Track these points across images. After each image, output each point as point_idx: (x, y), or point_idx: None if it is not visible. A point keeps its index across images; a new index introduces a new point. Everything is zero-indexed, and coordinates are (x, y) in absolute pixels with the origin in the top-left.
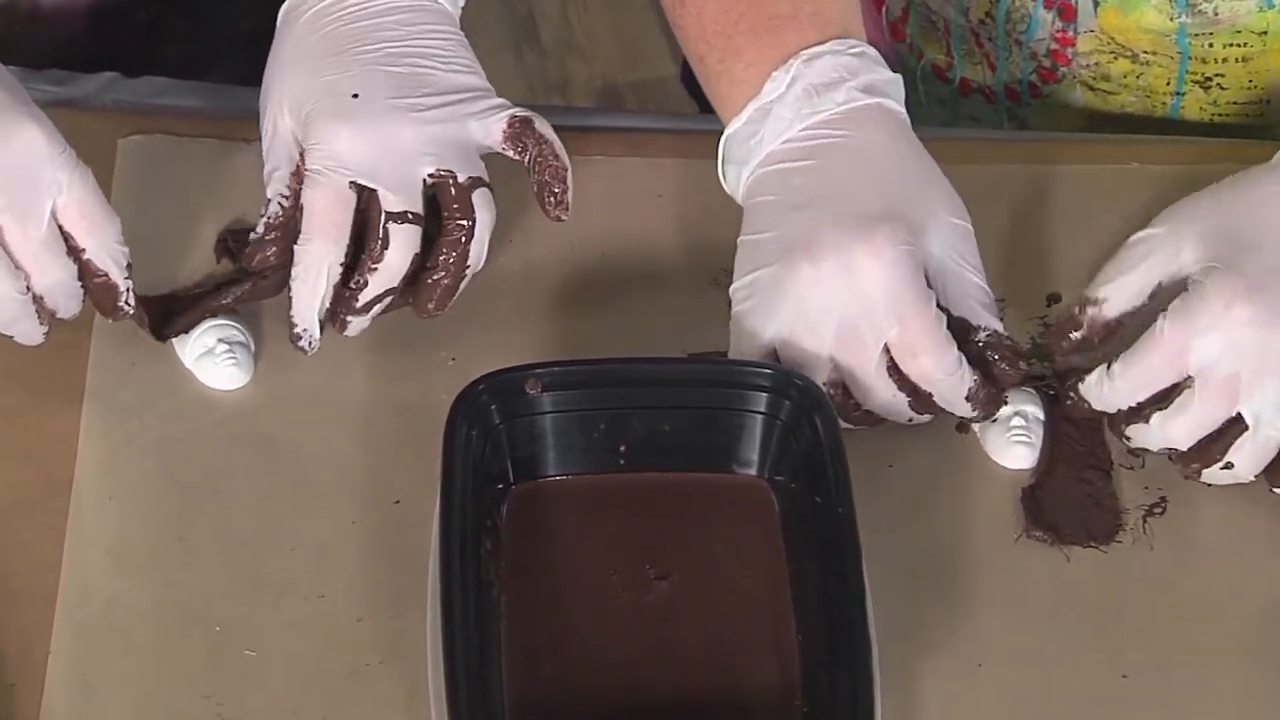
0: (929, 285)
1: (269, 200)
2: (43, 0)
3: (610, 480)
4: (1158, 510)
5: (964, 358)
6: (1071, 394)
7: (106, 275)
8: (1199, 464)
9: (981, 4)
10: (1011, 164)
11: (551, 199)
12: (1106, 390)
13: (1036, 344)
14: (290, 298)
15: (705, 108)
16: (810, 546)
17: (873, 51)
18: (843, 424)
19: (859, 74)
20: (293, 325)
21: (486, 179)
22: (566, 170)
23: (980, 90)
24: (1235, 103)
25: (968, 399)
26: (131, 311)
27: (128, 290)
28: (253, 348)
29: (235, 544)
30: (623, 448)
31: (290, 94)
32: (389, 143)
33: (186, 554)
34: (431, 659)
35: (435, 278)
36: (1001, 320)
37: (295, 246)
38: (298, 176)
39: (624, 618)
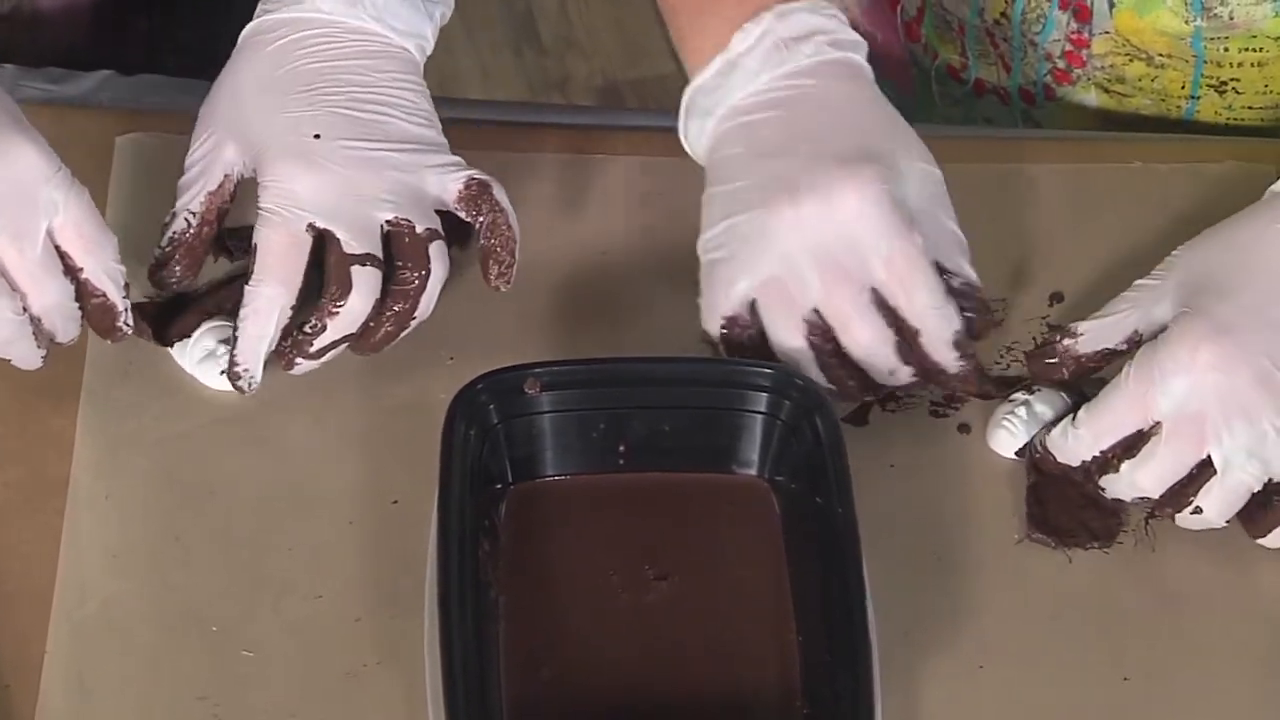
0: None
1: (174, 214)
2: (44, 6)
3: (609, 480)
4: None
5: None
6: (1039, 447)
7: (104, 295)
8: (1171, 509)
9: (996, 4)
10: (1013, 163)
11: (496, 268)
12: (1071, 441)
13: (1039, 345)
14: (235, 336)
15: None
16: (811, 547)
17: (842, 16)
18: (825, 385)
19: (829, 32)
20: (234, 364)
21: (442, 232)
22: (516, 242)
23: (994, 91)
24: (1250, 107)
25: (955, 345)
26: (130, 332)
27: (126, 310)
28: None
29: (233, 544)
30: (622, 448)
31: (246, 123)
32: (349, 186)
33: (184, 554)
34: (429, 660)
35: (380, 325)
36: (1003, 320)
37: (246, 286)
38: (216, 197)
39: (623, 619)
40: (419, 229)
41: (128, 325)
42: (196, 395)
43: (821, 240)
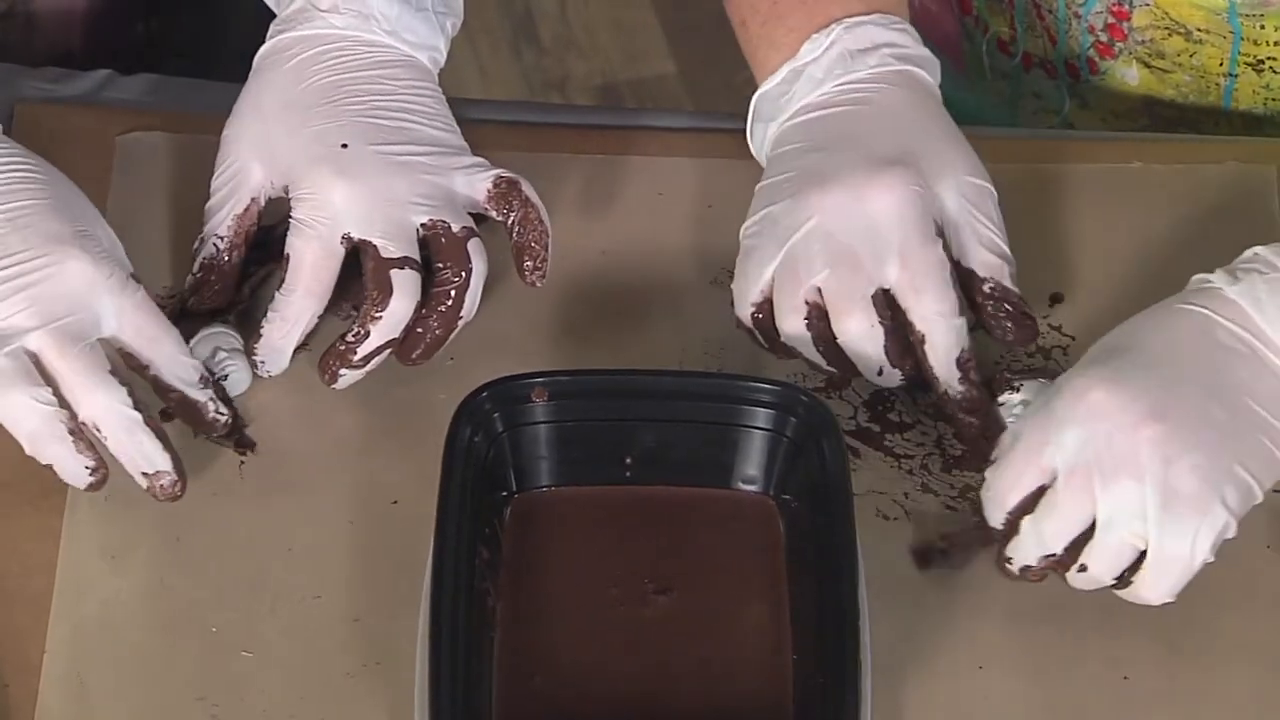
0: (938, 234)
1: (202, 240)
2: (39, 9)
3: (614, 492)
4: None
5: (964, 307)
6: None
7: (180, 391)
8: (1066, 569)
9: None
10: (1012, 163)
11: (531, 262)
12: (985, 503)
13: (1040, 348)
14: (260, 332)
15: (703, 106)
16: (811, 567)
17: (914, 31)
18: (825, 367)
19: (897, 46)
20: (254, 354)
21: (477, 231)
22: (549, 235)
23: (1041, 64)
24: None
25: (960, 364)
26: (226, 421)
27: (211, 401)
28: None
29: (231, 545)
30: (628, 460)
31: (271, 143)
32: (382, 193)
33: (183, 555)
34: (419, 665)
35: (428, 328)
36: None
37: (277, 293)
38: (244, 220)
39: (619, 631)
40: (455, 228)
41: (219, 415)
42: None
43: (841, 225)
